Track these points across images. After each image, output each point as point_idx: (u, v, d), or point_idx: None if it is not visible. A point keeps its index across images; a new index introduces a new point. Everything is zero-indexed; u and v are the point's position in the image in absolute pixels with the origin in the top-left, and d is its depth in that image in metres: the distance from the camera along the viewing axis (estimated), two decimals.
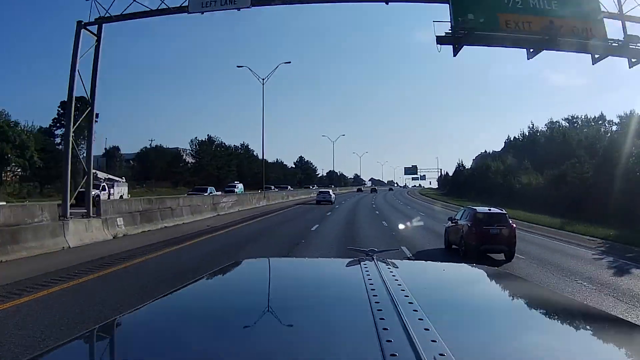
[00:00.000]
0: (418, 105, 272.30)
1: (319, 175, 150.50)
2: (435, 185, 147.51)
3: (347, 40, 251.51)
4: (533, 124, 68.48)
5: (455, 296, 1.70)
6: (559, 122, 62.91)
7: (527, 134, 69.41)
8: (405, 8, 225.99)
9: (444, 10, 13.96)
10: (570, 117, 63.06)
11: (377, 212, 34.29)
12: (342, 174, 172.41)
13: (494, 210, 13.59)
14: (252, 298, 1.58)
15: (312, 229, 20.49)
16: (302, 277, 1.99)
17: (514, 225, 12.95)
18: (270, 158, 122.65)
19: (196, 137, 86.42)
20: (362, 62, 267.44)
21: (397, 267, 1.78)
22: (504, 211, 13.50)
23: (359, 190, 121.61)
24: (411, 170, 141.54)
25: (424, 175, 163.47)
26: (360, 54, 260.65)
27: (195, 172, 74.72)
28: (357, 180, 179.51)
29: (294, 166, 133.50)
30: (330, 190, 51.62)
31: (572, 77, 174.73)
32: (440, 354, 0.95)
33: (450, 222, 14.89)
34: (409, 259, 11.65)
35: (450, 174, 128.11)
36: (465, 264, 2.43)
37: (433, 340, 1.01)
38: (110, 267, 10.68)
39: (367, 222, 26.14)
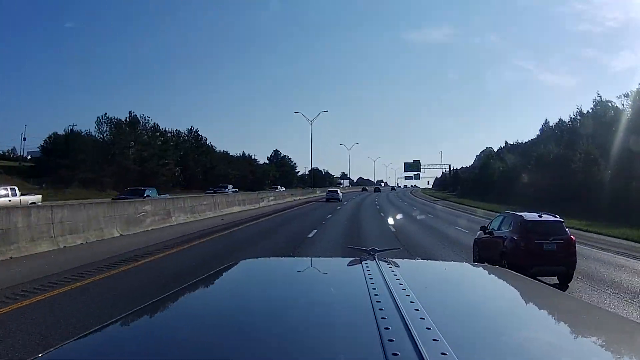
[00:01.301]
0: (413, 96, 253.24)
1: (300, 174, 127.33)
2: (431, 184, 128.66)
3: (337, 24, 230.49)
4: (600, 96, 46.53)
5: (457, 295, 1.70)
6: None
7: (589, 111, 47.67)
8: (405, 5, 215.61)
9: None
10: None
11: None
12: (327, 172, 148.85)
13: (547, 217, 9.81)
14: (253, 298, 1.58)
15: None
16: (303, 277, 1.97)
17: (573, 238, 9.60)
18: (234, 151, 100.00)
19: (106, 114, 57.62)
20: (351, 47, 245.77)
21: (399, 266, 1.79)
22: (559, 218, 9.90)
23: (364, 189, 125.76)
24: (412, 167, 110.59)
25: (418, 175, 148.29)
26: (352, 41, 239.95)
27: (100, 166, 50.01)
28: (345, 179, 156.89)
29: (267, 162, 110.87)
30: (339, 190, 58.73)
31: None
32: (443, 353, 0.94)
33: (482, 232, 11.20)
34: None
35: (448, 172, 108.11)
36: (467, 263, 2.52)
37: (435, 340, 1.00)
38: None
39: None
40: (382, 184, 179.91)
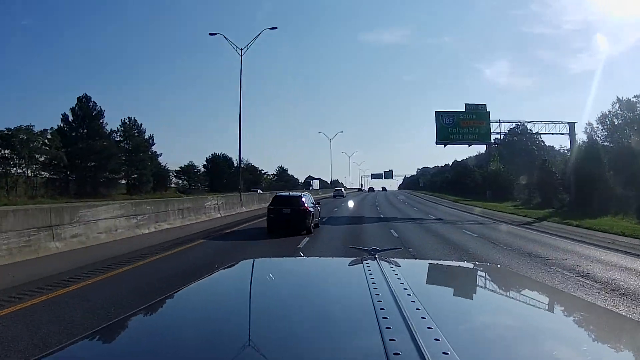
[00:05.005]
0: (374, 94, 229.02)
1: (196, 168, 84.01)
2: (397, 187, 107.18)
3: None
4: None
5: (458, 295, 1.71)
6: None
7: None
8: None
9: None
10: None
11: None
12: (252, 166, 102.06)
13: None
14: (255, 298, 1.58)
15: None
16: (304, 277, 1.98)
17: None
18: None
19: None
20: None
21: (400, 266, 1.79)
22: None
23: (361, 189, 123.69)
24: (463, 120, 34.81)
25: (391, 171, 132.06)
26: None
27: None
28: (282, 177, 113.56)
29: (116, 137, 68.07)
30: (342, 189, 70.42)
31: None
32: (444, 353, 0.95)
33: None
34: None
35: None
36: (468, 263, 2.41)
37: (436, 339, 1.01)
38: None
39: None
40: (323, 184, 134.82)
